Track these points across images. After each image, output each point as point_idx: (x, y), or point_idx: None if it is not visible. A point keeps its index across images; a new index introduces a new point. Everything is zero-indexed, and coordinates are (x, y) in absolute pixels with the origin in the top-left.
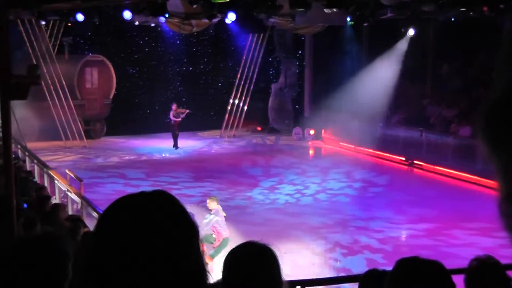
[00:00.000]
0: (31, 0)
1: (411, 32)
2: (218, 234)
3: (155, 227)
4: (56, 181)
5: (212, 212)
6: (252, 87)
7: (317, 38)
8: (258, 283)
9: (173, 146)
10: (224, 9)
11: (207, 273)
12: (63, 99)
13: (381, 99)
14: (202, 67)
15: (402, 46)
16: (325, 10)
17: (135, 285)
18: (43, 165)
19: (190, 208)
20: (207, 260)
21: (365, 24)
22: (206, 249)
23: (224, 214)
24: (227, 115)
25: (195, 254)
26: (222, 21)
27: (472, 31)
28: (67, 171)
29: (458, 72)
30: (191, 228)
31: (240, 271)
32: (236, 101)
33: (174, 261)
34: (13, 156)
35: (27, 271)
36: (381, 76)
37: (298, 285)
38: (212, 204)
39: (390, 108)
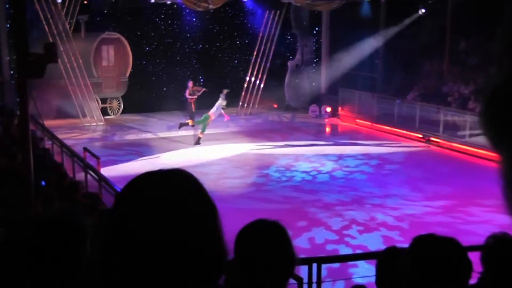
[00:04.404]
0: None
1: (423, 10)
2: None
3: (174, 206)
4: (73, 159)
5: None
6: (268, 64)
7: (334, 14)
8: (270, 260)
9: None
10: None
11: (227, 252)
12: (79, 77)
13: (398, 76)
14: (218, 44)
15: (419, 22)
16: None
17: (152, 263)
18: (60, 143)
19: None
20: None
21: (383, 0)
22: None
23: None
24: (243, 93)
25: (214, 232)
26: None
27: (490, 6)
28: (85, 149)
29: (476, 48)
30: (210, 207)
31: (251, 249)
32: (253, 79)
33: (193, 240)
34: (31, 134)
35: (45, 248)
36: (397, 52)
37: (314, 262)
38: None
39: (407, 84)
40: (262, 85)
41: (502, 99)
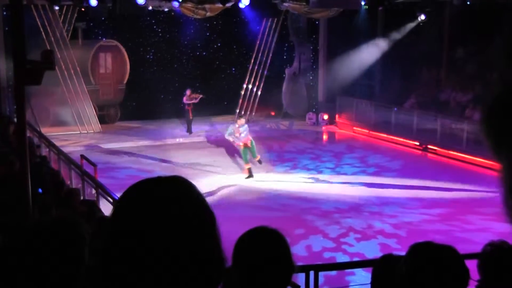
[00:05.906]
0: None
1: (422, 16)
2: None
3: (172, 213)
4: (70, 166)
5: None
6: (266, 72)
7: (331, 22)
8: (269, 268)
9: (187, 131)
10: None
11: (225, 261)
12: (77, 84)
13: (395, 83)
14: (215, 52)
15: (417, 30)
16: None
17: (151, 271)
18: (57, 150)
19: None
20: (257, 158)
21: (380, 8)
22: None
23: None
24: (241, 100)
25: (212, 239)
26: (235, 5)
27: (487, 15)
28: (82, 156)
29: (473, 56)
30: (208, 214)
31: (251, 256)
32: (250, 86)
33: (192, 249)
34: (28, 141)
35: (43, 255)
36: (395, 60)
37: (311, 270)
38: (240, 122)
39: (405, 92)
40: (259, 93)
41: (502, 108)
